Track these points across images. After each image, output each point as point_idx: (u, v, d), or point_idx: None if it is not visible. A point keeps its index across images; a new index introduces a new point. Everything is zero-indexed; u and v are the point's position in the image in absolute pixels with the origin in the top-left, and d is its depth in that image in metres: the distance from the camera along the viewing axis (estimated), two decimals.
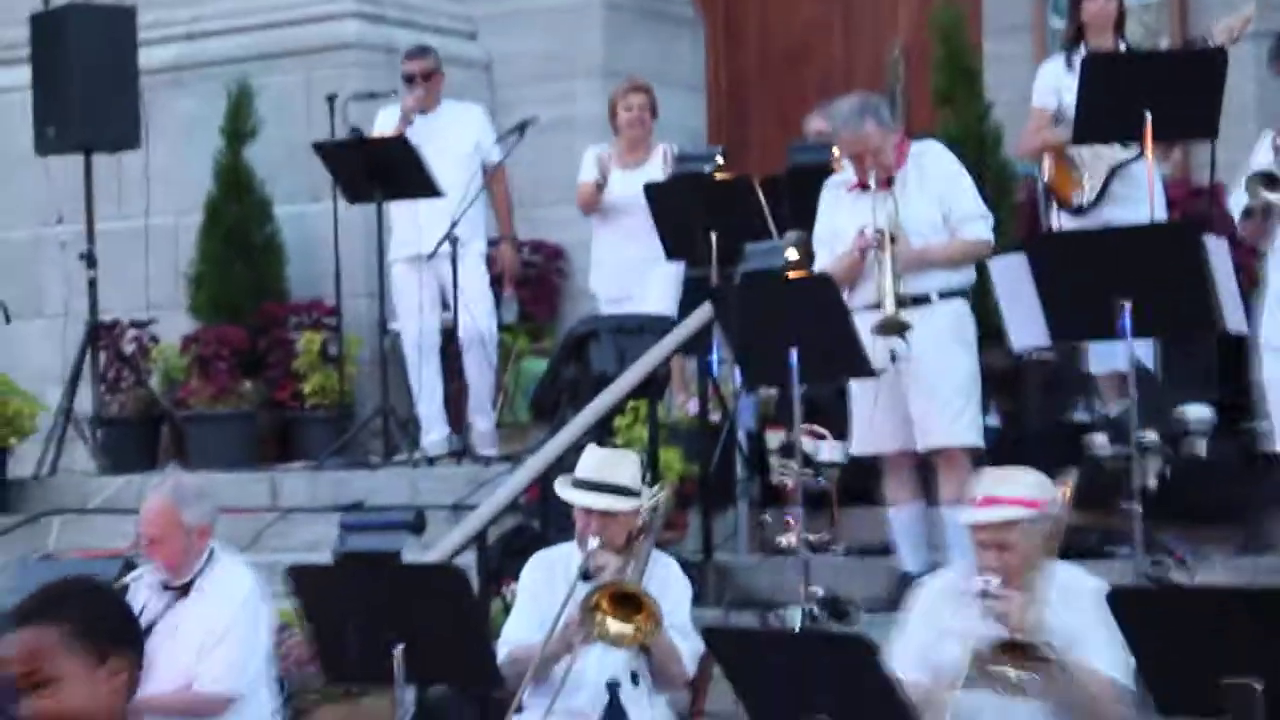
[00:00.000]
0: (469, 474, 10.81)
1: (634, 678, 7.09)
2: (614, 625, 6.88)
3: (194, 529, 7.63)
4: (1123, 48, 10.15)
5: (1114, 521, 8.48)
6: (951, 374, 8.83)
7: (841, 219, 8.93)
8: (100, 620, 3.66)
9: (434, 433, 11.84)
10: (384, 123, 11.90)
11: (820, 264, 8.89)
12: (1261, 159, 8.43)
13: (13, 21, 13.44)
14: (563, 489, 7.54)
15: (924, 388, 8.77)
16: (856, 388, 8.95)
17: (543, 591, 7.36)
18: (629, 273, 11.19)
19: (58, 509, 11.84)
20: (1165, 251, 8.03)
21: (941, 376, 8.79)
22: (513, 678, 7.21)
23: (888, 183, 8.76)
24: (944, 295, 8.80)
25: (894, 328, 8.50)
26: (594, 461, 7.47)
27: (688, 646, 7.19)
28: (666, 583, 7.32)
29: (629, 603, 6.91)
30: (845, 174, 8.95)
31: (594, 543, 7.16)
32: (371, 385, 12.16)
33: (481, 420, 11.81)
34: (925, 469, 9.02)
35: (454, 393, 11.94)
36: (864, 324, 8.49)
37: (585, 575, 7.11)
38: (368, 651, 6.86)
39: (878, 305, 8.59)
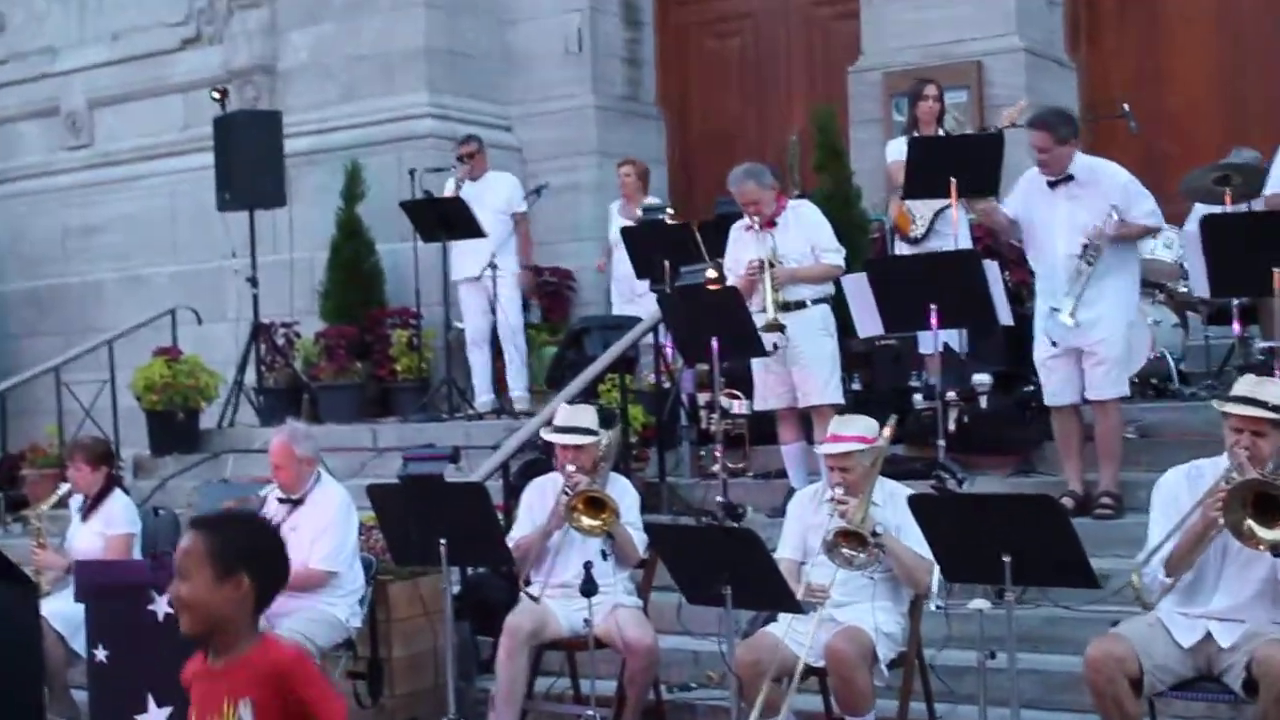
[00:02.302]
0: (505, 425, 10.77)
1: (603, 555, 7.09)
2: (586, 519, 6.90)
3: (303, 459, 7.63)
4: (942, 133, 10.16)
5: (928, 453, 8.51)
6: (820, 354, 8.80)
7: (741, 251, 8.90)
8: (229, 546, 3.60)
9: (483, 396, 11.87)
10: (450, 187, 11.92)
11: (731, 281, 8.88)
12: None
13: (202, 122, 13.45)
14: (546, 433, 7.56)
15: (802, 364, 8.76)
16: (756, 364, 8.96)
17: (536, 504, 7.37)
18: (637, 283, 11.05)
19: (231, 449, 11.87)
20: (959, 271, 8.05)
21: (813, 356, 8.77)
22: (519, 562, 7.26)
23: (771, 224, 8.74)
24: (814, 301, 8.76)
25: (772, 328, 8.51)
26: (565, 413, 7.45)
27: (638, 536, 7.24)
28: (622, 494, 7.32)
29: (597, 504, 6.93)
30: (745, 219, 8.93)
31: (570, 468, 7.18)
32: (441, 365, 12.12)
33: (518, 387, 11.81)
34: (806, 419, 9.01)
35: (497, 370, 11.97)
36: (759, 322, 8.50)
37: (566, 491, 7.14)
38: (423, 544, 6.91)
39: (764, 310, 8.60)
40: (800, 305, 8.68)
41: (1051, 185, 8.15)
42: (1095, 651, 5.71)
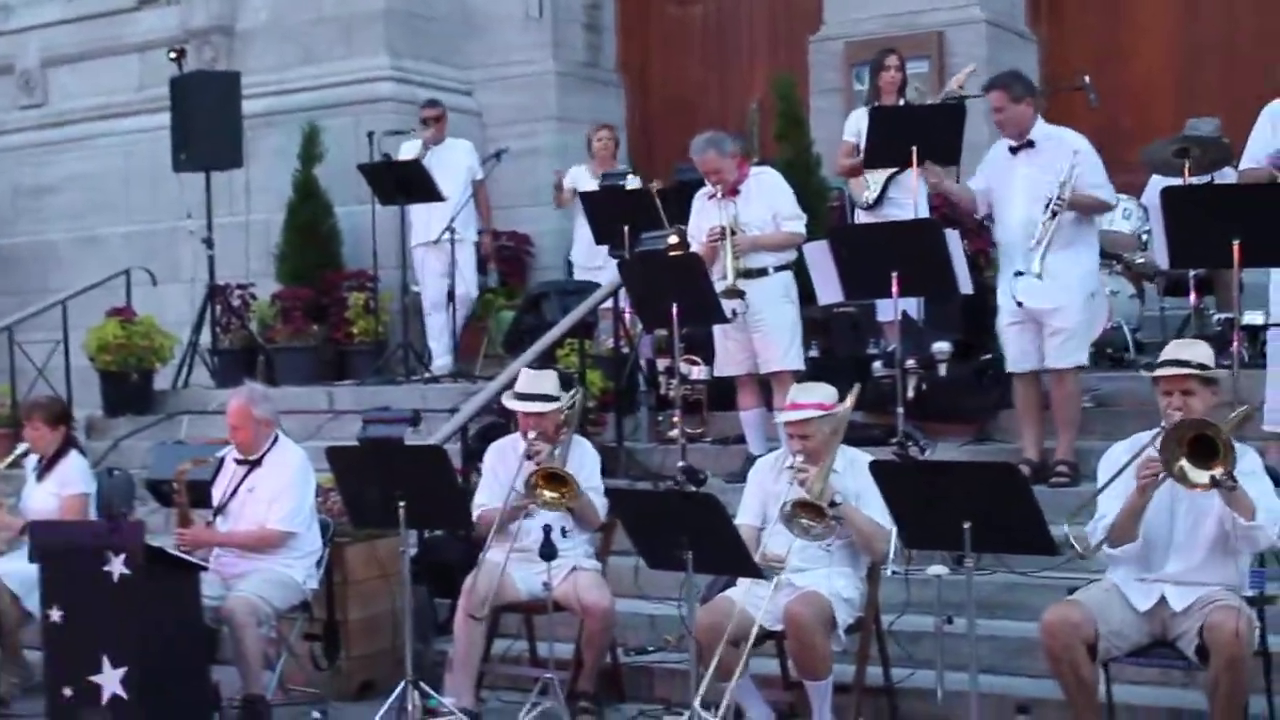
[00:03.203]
0: (462, 389, 10.74)
1: (563, 531, 7.02)
2: (547, 494, 6.84)
3: (261, 420, 7.58)
4: (903, 103, 10.14)
5: (887, 420, 8.51)
6: (782, 321, 8.78)
7: (704, 219, 8.86)
8: None
9: (440, 360, 11.83)
10: (406, 151, 11.85)
11: (694, 249, 8.85)
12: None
13: (159, 83, 13.34)
14: (507, 400, 7.49)
15: (764, 331, 8.74)
16: (717, 331, 8.93)
17: (499, 467, 7.31)
18: (598, 249, 10.97)
19: (186, 410, 11.80)
20: (920, 239, 8.04)
21: (775, 323, 8.75)
22: (482, 528, 7.22)
23: (733, 192, 8.71)
24: (776, 269, 8.74)
25: (731, 294, 8.48)
26: (526, 379, 7.39)
27: (599, 500, 7.22)
28: (583, 458, 7.30)
29: (557, 479, 6.89)
30: (709, 187, 8.90)
31: (532, 435, 7.14)
32: (398, 328, 12.05)
33: (443, 351, 11.82)
34: (765, 385, 9.00)
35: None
36: (720, 289, 8.47)
37: (528, 456, 7.10)
38: (382, 506, 6.84)
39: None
40: (762, 272, 8.65)
41: (1013, 151, 8.19)
42: (1051, 617, 5.75)
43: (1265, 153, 7.59)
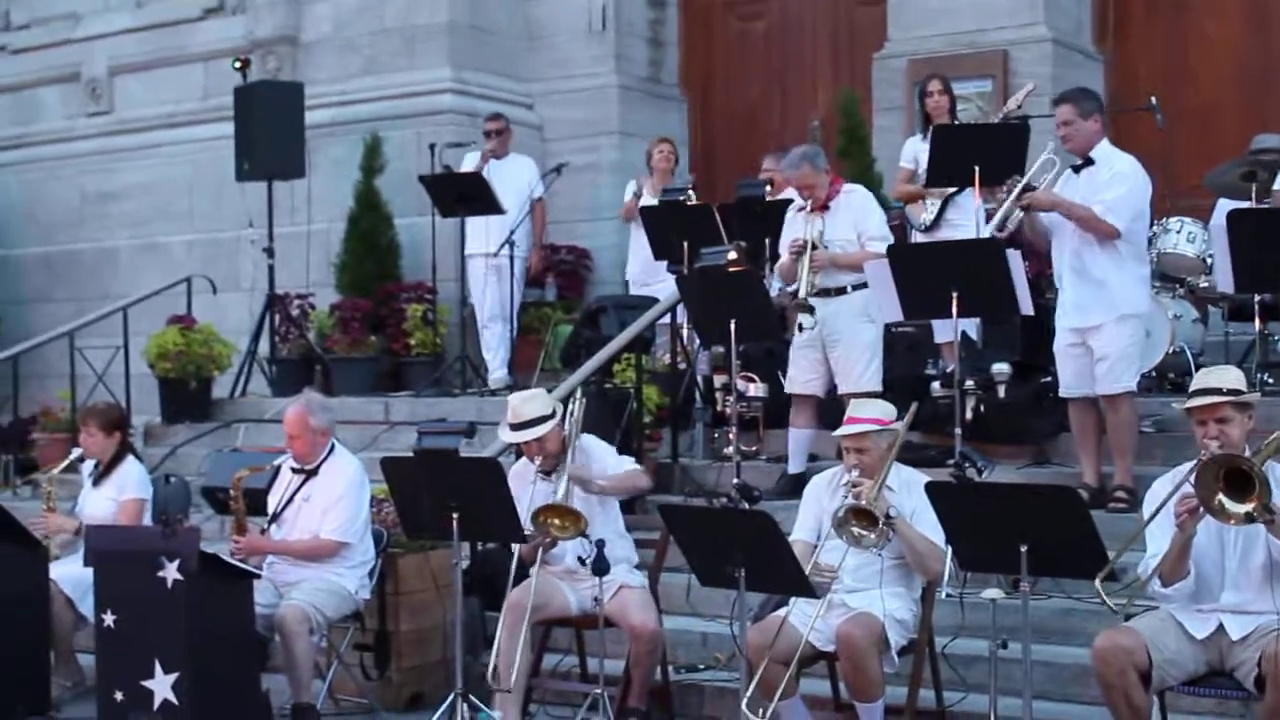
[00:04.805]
0: None
1: (581, 561, 6.95)
2: (555, 523, 6.79)
3: (318, 430, 7.61)
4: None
5: (945, 441, 8.46)
6: (859, 340, 8.77)
7: (794, 231, 8.89)
8: None
9: (496, 373, 11.85)
10: (467, 163, 11.88)
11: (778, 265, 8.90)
12: None
13: (222, 92, 13.48)
14: (502, 433, 7.41)
15: (841, 350, 8.75)
16: (793, 348, 8.92)
17: (521, 494, 7.13)
18: (655, 265, 10.93)
19: (243, 419, 11.87)
20: (981, 259, 7.99)
21: (852, 342, 8.75)
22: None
23: (823, 208, 8.73)
24: (855, 287, 8.72)
25: (802, 307, 8.47)
26: (512, 408, 7.23)
27: (629, 468, 7.35)
28: (595, 450, 7.32)
29: (561, 510, 6.82)
30: (799, 201, 8.96)
31: (538, 460, 7.14)
32: (455, 340, 12.08)
33: (496, 366, 11.88)
34: (820, 407, 8.98)
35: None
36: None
37: (545, 474, 7.12)
38: (434, 518, 6.84)
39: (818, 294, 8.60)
40: (840, 291, 8.66)
41: (1075, 170, 8.13)
42: (1104, 642, 5.69)
43: None
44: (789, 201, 9.34)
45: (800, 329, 8.59)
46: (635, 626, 6.89)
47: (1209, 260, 9.44)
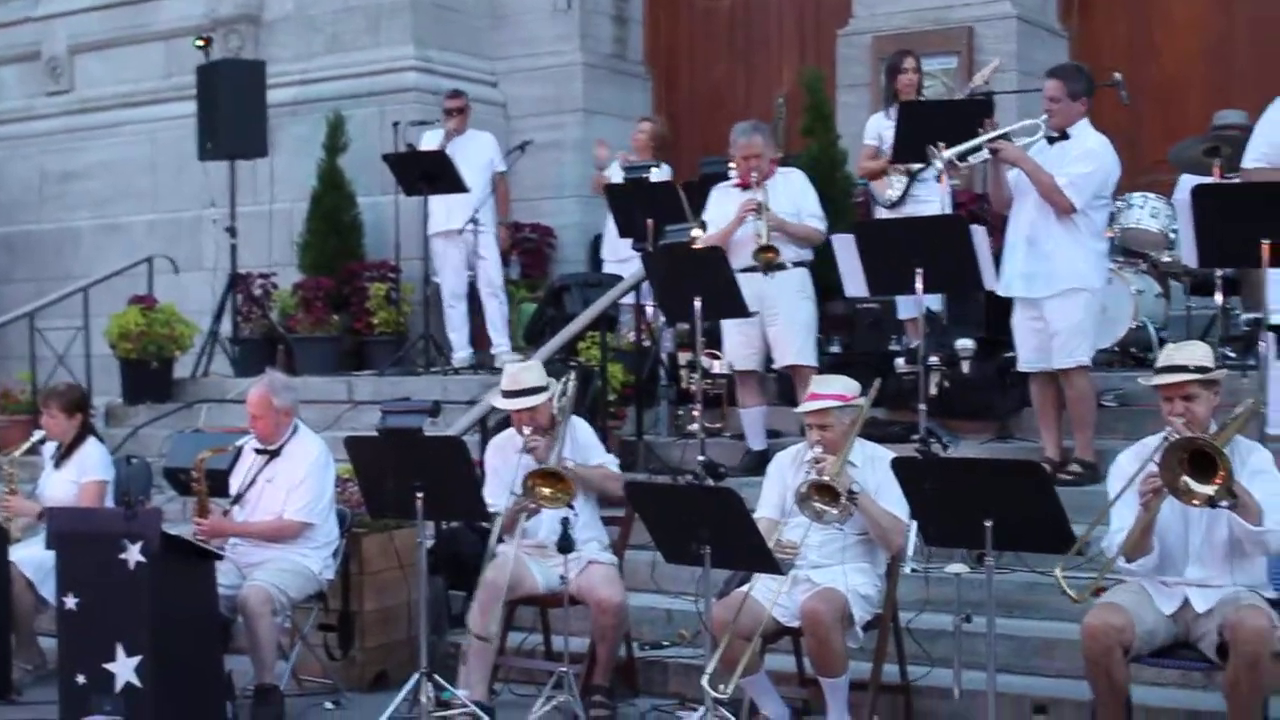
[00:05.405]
0: (481, 380, 10.71)
1: (566, 523, 6.88)
2: (545, 491, 6.81)
3: (282, 410, 7.57)
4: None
5: (908, 417, 8.47)
6: (797, 316, 8.82)
7: (728, 206, 8.86)
8: None
9: (460, 352, 11.80)
10: (430, 141, 11.82)
11: (706, 238, 8.84)
12: None
13: (184, 71, 13.37)
14: (494, 399, 7.45)
15: (779, 325, 8.78)
16: (727, 324, 8.97)
17: (500, 465, 7.26)
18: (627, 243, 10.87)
19: (205, 399, 11.80)
20: (945, 235, 7.99)
21: (790, 318, 8.79)
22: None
23: (759, 185, 8.70)
24: (795, 264, 8.75)
25: (768, 253, 8.46)
26: (510, 376, 7.31)
27: (613, 469, 7.35)
28: (579, 436, 7.34)
29: (553, 476, 6.84)
30: (731, 178, 8.89)
31: (527, 430, 7.11)
32: (419, 319, 12.05)
33: (501, 340, 11.75)
34: (765, 383, 9.11)
35: (475, 325, 11.91)
36: (743, 282, 8.45)
37: (527, 450, 7.07)
38: (399, 497, 6.82)
39: (749, 269, 8.53)
40: (780, 267, 8.63)
41: (1050, 141, 8.13)
42: (1095, 620, 5.67)
43: (1269, 149, 7.54)
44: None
45: (766, 272, 8.55)
46: (601, 600, 6.90)
47: (1172, 235, 9.47)
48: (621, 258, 11.31)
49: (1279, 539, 5.58)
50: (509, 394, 7.20)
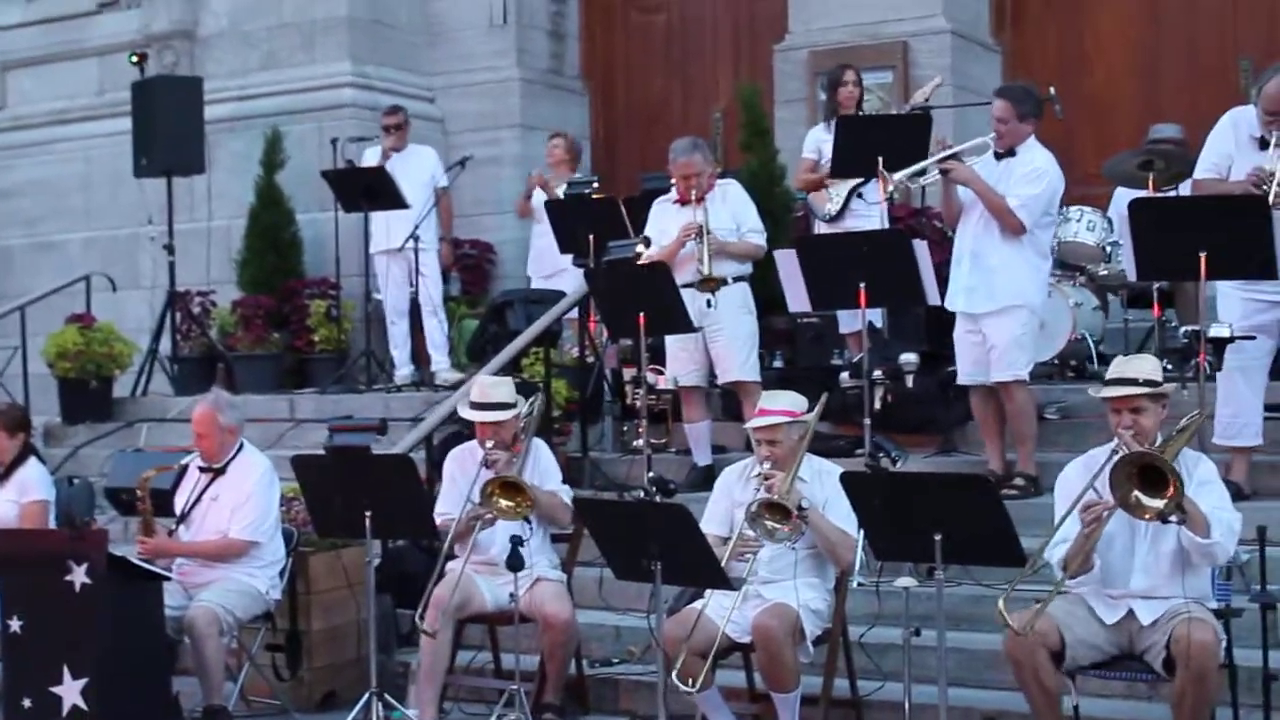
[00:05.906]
0: (425, 397, 10.71)
1: (519, 541, 6.86)
2: (503, 503, 6.80)
3: (227, 428, 7.52)
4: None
5: (853, 431, 8.50)
6: (739, 331, 8.81)
7: (667, 223, 8.86)
8: None
9: (403, 369, 11.77)
10: (368, 158, 11.81)
11: (650, 254, 8.82)
12: None
13: (119, 87, 13.28)
14: (462, 409, 7.41)
15: (722, 341, 8.77)
16: (670, 340, 8.95)
17: (458, 475, 7.25)
18: (554, 257, 10.92)
19: (145, 418, 11.69)
20: (887, 250, 8.03)
21: (733, 334, 8.77)
22: (444, 537, 7.15)
23: (700, 200, 8.67)
24: (735, 279, 8.74)
25: (710, 283, 8.46)
26: (482, 389, 7.29)
27: (566, 498, 7.23)
28: (541, 461, 7.29)
29: (512, 488, 6.84)
30: (671, 194, 8.90)
31: (489, 444, 7.07)
32: (360, 337, 11.96)
33: (441, 358, 11.71)
34: (710, 399, 9.12)
35: (417, 342, 11.88)
36: (685, 297, 8.45)
37: (486, 464, 7.03)
38: (347, 516, 6.80)
39: (692, 285, 8.52)
40: (722, 282, 8.63)
41: (997, 158, 8.19)
42: (1015, 624, 5.73)
43: (1219, 160, 7.62)
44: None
45: (710, 304, 8.55)
46: (549, 616, 6.88)
47: (1109, 249, 9.56)
48: (546, 273, 11.32)
49: (1226, 551, 5.65)
50: (477, 405, 7.18)
